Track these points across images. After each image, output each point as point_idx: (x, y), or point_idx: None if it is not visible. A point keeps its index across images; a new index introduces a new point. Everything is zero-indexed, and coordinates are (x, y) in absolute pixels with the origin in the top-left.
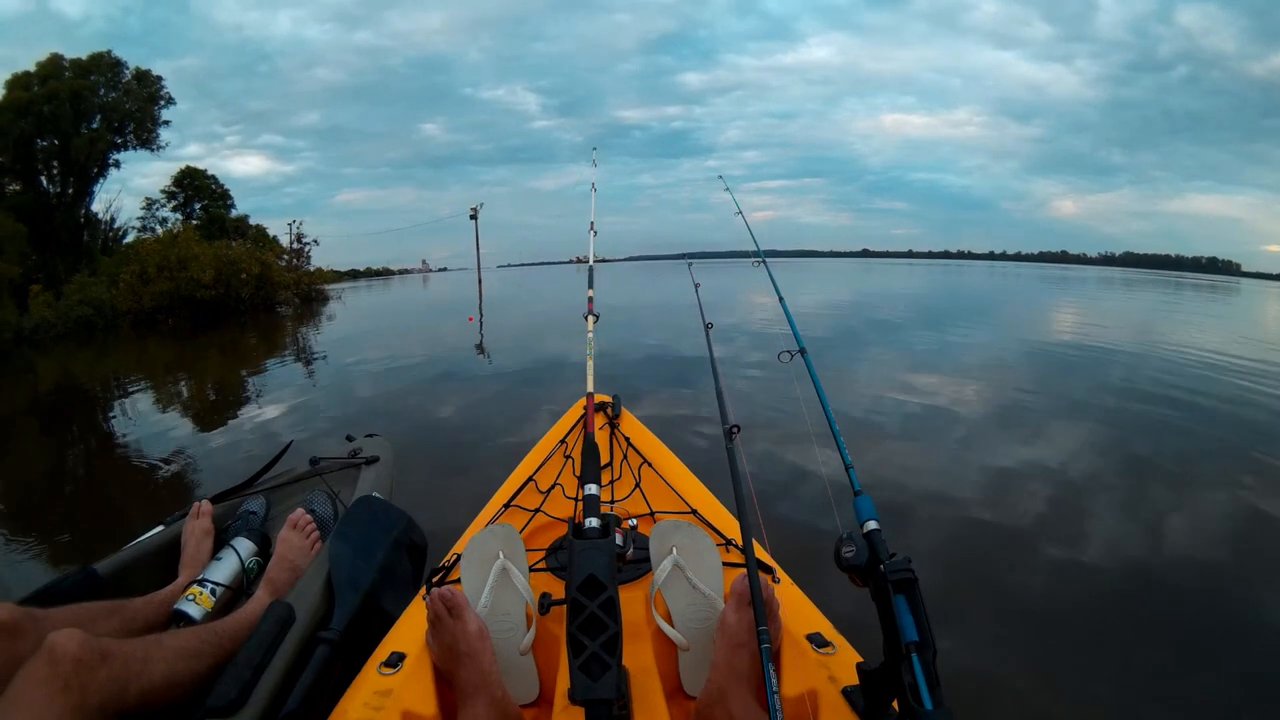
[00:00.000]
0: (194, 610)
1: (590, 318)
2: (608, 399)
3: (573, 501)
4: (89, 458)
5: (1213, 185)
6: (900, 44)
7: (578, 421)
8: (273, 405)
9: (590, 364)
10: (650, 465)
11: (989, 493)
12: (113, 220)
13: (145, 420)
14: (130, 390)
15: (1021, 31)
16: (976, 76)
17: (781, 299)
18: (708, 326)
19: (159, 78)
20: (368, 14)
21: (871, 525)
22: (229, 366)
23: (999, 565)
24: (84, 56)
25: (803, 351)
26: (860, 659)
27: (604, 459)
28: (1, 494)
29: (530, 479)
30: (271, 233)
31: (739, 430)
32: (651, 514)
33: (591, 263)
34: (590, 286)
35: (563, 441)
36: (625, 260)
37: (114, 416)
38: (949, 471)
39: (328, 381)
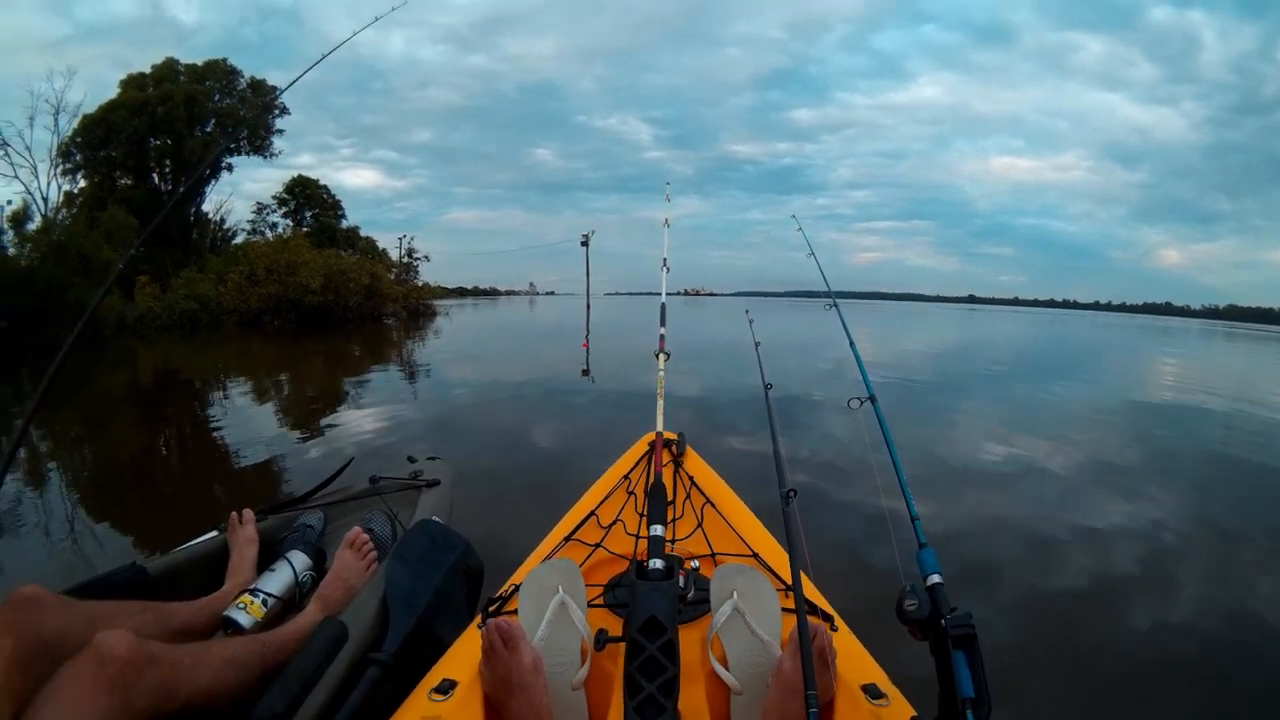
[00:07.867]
0: (244, 619)
1: (661, 355)
2: (673, 436)
3: (633, 539)
4: (172, 449)
5: None
6: (1008, 85)
7: (642, 458)
8: (362, 415)
9: (660, 402)
10: (713, 505)
11: (1058, 559)
12: (222, 221)
13: (234, 418)
14: (226, 386)
15: (1127, 72)
16: (1083, 119)
17: (852, 344)
18: (767, 387)
19: (274, 87)
20: (480, 37)
21: (935, 579)
22: (327, 373)
23: (1063, 637)
24: (199, 63)
25: (872, 399)
26: (914, 713)
27: (667, 497)
28: (80, 472)
29: (592, 513)
30: (381, 245)
31: (795, 494)
32: (713, 555)
33: (663, 298)
34: (662, 324)
35: (626, 477)
36: (733, 295)
37: (206, 410)
38: (1024, 532)
39: (422, 396)
